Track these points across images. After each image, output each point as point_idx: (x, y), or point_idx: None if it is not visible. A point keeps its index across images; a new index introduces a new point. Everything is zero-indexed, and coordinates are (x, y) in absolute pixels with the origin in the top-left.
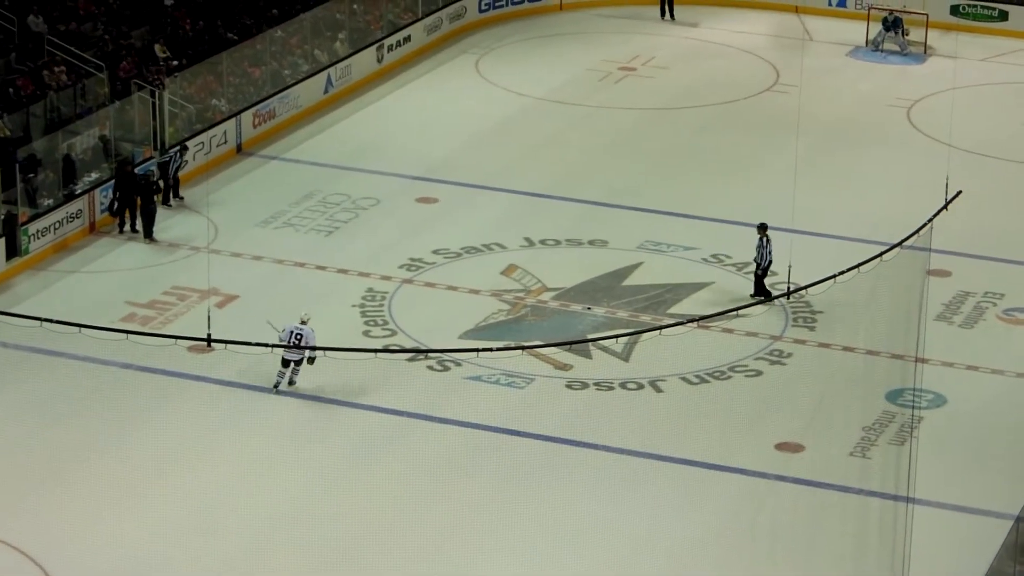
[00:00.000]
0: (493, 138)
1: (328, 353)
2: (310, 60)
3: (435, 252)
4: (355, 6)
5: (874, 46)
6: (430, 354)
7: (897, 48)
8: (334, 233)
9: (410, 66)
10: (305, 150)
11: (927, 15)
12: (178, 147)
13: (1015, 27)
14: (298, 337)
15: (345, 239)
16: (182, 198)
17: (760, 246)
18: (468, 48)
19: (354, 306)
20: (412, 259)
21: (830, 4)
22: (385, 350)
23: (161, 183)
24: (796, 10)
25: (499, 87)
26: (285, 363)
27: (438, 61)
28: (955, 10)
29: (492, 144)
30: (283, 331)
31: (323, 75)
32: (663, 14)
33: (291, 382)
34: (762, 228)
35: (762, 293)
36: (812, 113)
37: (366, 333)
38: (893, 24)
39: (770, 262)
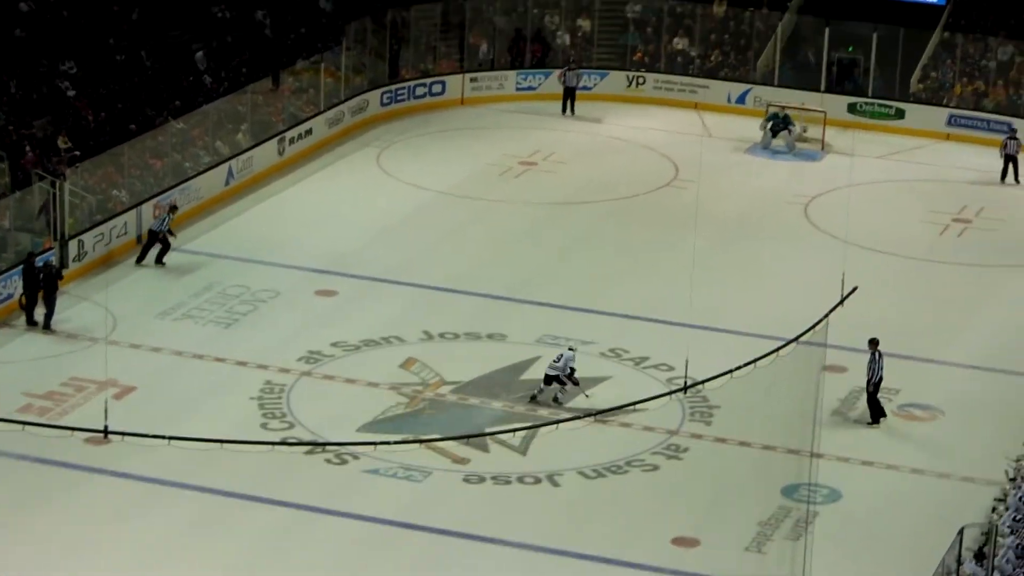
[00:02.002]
0: (393, 231)
1: (225, 446)
2: (211, 152)
3: (334, 345)
4: (257, 98)
5: (763, 145)
6: (328, 447)
7: (784, 147)
8: (233, 325)
9: (312, 159)
10: (205, 242)
11: (824, 112)
12: (167, 209)
13: (912, 125)
14: (558, 357)
15: (244, 331)
16: (164, 264)
17: (871, 361)
18: (370, 141)
19: (252, 398)
20: (311, 352)
21: (729, 101)
22: (283, 443)
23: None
24: (695, 106)
25: (400, 181)
26: (547, 380)
27: (340, 154)
28: (852, 108)
29: (392, 237)
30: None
31: (224, 167)
32: (564, 110)
33: (555, 399)
34: (873, 343)
35: (876, 411)
36: (711, 208)
37: (264, 425)
38: (783, 121)
39: (881, 378)
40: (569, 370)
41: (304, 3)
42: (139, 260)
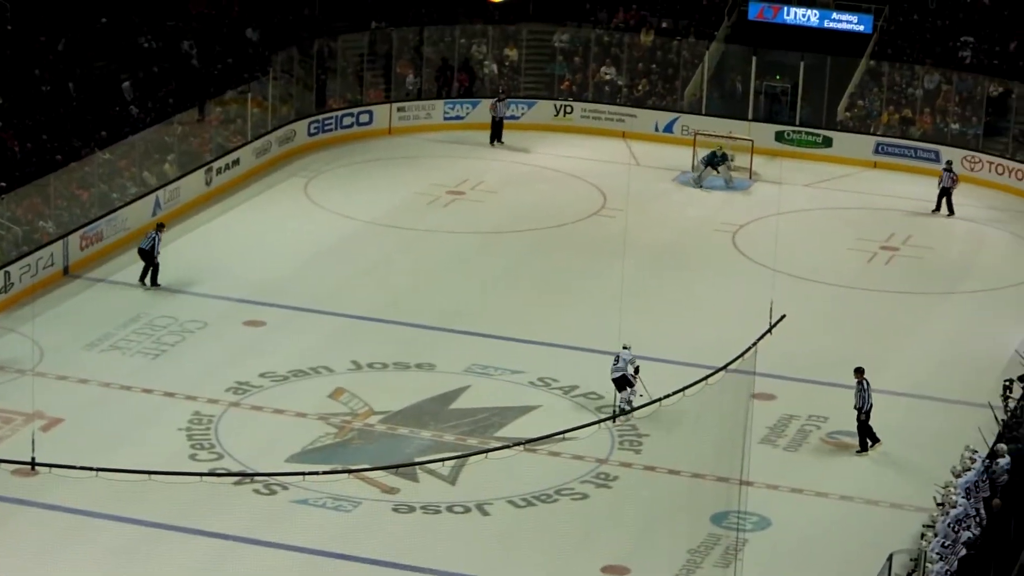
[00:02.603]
0: (321, 261)
1: (154, 477)
2: (138, 182)
3: (262, 375)
4: (184, 129)
5: (696, 183)
6: (256, 478)
7: (722, 181)
8: (161, 356)
9: (239, 189)
10: (132, 272)
11: (752, 141)
12: (156, 227)
13: (839, 153)
14: (616, 358)
15: (172, 362)
16: (160, 285)
17: (859, 391)
18: (297, 171)
19: (180, 429)
20: (239, 382)
21: (656, 130)
22: (211, 474)
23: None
24: (623, 135)
25: (328, 210)
26: (618, 384)
27: (267, 184)
28: (780, 136)
29: (320, 267)
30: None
31: (151, 197)
32: (492, 140)
33: (628, 403)
34: (859, 372)
35: (869, 437)
36: (639, 237)
37: (193, 457)
38: (722, 159)
39: (871, 405)
40: (635, 368)
41: (231, 33)
42: (142, 279)
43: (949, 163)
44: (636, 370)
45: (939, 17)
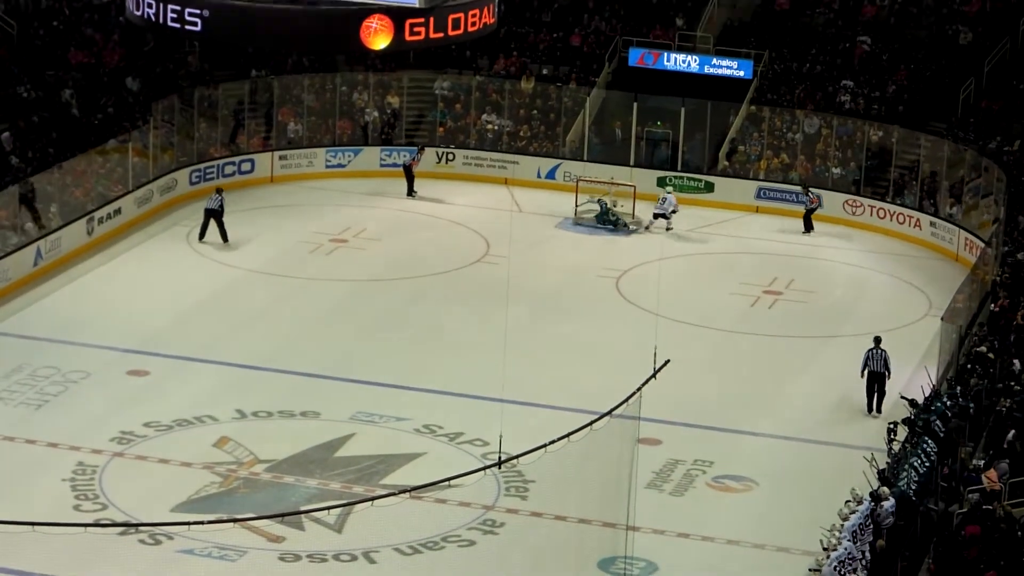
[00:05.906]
0: (205, 310)
1: (37, 528)
2: (19, 232)
3: (146, 425)
4: (66, 179)
5: (599, 220)
6: (141, 528)
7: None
8: (44, 406)
9: (121, 238)
10: (14, 323)
11: (634, 187)
12: (217, 192)
13: (721, 198)
14: (662, 200)
15: (55, 412)
16: (228, 242)
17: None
18: (179, 220)
19: (64, 480)
20: (123, 432)
21: (539, 176)
22: (96, 524)
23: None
24: (505, 182)
25: (211, 259)
26: (655, 216)
27: (149, 233)
28: (662, 182)
29: (204, 316)
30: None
31: (33, 247)
32: (410, 192)
33: (668, 228)
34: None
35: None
36: (523, 283)
37: (77, 507)
38: (612, 217)
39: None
40: (673, 210)
41: (111, 82)
42: (201, 238)
43: (805, 187)
44: (674, 211)
45: (818, 63)
